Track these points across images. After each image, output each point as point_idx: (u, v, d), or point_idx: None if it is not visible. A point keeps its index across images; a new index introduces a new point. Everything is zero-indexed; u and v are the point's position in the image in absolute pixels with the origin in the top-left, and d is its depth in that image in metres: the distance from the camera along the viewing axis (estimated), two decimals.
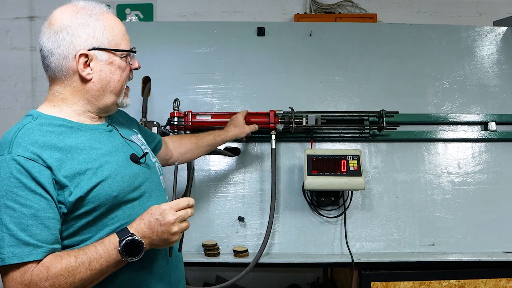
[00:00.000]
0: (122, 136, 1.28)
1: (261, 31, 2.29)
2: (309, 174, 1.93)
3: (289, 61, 2.26)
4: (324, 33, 2.32)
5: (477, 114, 2.21)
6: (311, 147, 2.09)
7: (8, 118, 3.61)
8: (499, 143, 2.19)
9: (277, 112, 2.05)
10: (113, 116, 1.34)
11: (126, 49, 1.22)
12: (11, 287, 1.03)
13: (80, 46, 1.15)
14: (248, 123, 2.00)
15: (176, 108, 2.03)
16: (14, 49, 3.60)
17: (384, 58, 2.29)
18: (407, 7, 3.62)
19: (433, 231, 2.07)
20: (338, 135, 2.16)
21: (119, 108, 1.32)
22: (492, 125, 2.18)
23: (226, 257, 1.97)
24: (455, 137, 2.18)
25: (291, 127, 2.04)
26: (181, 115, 2.03)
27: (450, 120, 2.19)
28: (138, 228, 1.11)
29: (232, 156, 2.13)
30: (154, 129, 1.97)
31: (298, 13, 3.51)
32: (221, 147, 2.12)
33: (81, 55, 1.16)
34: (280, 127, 2.03)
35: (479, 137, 2.18)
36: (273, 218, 1.97)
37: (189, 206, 1.16)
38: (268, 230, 1.95)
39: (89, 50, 1.16)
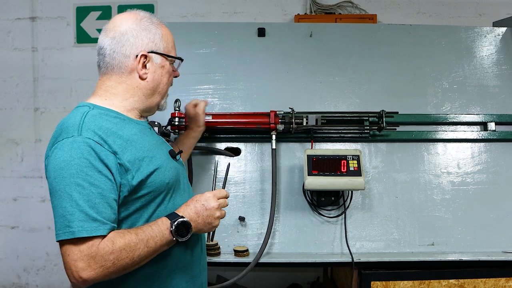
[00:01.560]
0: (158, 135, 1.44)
1: (261, 32, 2.31)
2: (310, 174, 1.94)
3: (289, 61, 2.27)
4: (324, 34, 2.33)
5: (476, 114, 2.22)
6: (311, 147, 2.10)
7: (9, 118, 3.62)
8: (498, 143, 2.20)
9: (277, 112, 2.06)
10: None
11: (176, 56, 1.38)
12: (76, 258, 1.09)
13: (142, 47, 1.30)
14: (248, 123, 2.01)
15: (177, 109, 2.04)
16: (16, 49, 3.61)
17: (384, 58, 2.30)
18: (407, 8, 3.62)
19: (433, 231, 2.08)
20: (338, 135, 2.17)
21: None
22: (492, 125, 2.19)
23: (226, 256, 1.97)
24: (455, 137, 2.19)
25: (291, 128, 2.05)
26: (182, 115, 2.03)
27: (450, 120, 2.20)
28: (185, 212, 1.24)
29: (233, 156, 2.14)
30: (155, 130, 1.98)
31: (298, 14, 3.51)
32: (222, 147, 2.14)
33: (142, 55, 1.30)
34: (280, 127, 2.04)
35: (478, 137, 2.19)
36: (273, 217, 1.97)
37: (226, 197, 1.32)
38: (269, 229, 1.96)
39: (148, 52, 1.30)
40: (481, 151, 2.20)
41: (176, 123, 2.02)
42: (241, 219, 2.07)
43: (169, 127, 2.03)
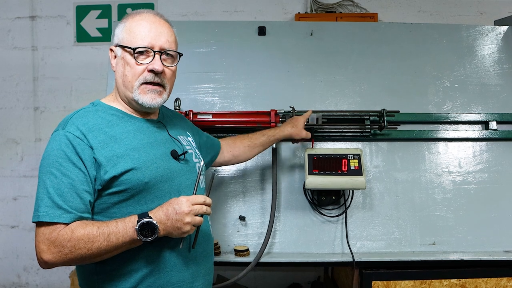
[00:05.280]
0: (168, 134, 1.43)
1: (262, 31, 2.30)
2: (310, 173, 1.93)
3: (290, 60, 2.27)
4: (325, 33, 2.33)
5: (478, 113, 2.21)
6: (312, 146, 2.09)
7: (9, 117, 3.62)
8: (499, 142, 2.19)
9: (278, 111, 2.05)
10: (167, 116, 1.51)
11: (133, 46, 1.32)
12: (40, 240, 1.19)
13: (113, 43, 1.39)
14: (248, 122, 2.00)
15: (177, 108, 2.03)
16: (16, 48, 3.60)
17: (385, 57, 2.29)
18: (407, 6, 3.61)
19: (434, 230, 2.07)
20: (339, 134, 2.16)
21: (177, 111, 1.49)
22: (493, 124, 2.19)
23: (227, 256, 1.97)
24: (456, 136, 2.19)
25: None
26: (182, 114, 2.03)
27: (451, 119, 2.20)
28: (156, 214, 1.23)
29: None
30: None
31: (299, 13, 3.51)
32: None
33: (110, 49, 1.39)
34: None
35: (480, 136, 2.19)
36: (274, 217, 1.97)
37: (205, 204, 1.27)
38: (269, 229, 1.95)
39: (115, 46, 1.37)
40: (482, 150, 2.19)
41: None
42: (242, 218, 2.07)
43: None
